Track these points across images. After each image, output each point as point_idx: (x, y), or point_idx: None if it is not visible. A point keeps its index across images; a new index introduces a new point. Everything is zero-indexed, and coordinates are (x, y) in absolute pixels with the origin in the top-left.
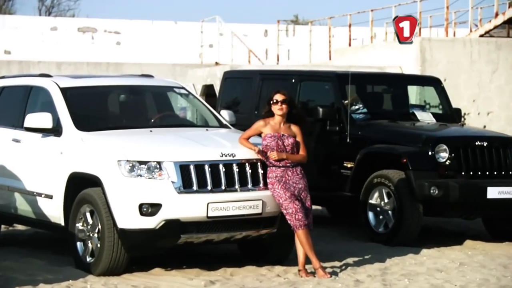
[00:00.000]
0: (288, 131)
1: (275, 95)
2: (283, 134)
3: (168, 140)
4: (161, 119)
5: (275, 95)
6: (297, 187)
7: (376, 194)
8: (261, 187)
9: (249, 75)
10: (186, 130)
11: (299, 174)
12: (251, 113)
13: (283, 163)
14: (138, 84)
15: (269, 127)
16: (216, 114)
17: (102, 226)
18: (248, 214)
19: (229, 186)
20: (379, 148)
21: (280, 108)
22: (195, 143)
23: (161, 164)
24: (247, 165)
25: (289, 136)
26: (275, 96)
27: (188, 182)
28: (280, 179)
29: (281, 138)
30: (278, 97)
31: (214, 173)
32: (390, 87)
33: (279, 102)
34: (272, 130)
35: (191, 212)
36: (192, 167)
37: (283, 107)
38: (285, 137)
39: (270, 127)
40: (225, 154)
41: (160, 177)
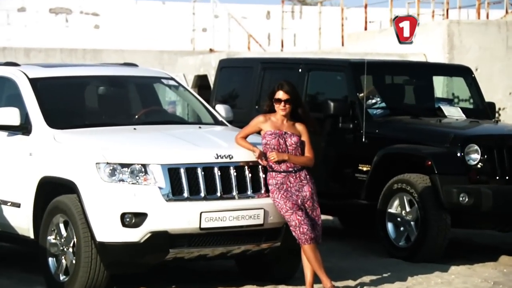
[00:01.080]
0: (292, 128)
1: (277, 92)
2: (286, 132)
3: (155, 139)
4: (146, 115)
5: (278, 92)
6: (300, 196)
7: (396, 202)
8: (263, 193)
9: (249, 64)
10: (176, 127)
11: (303, 180)
12: (251, 108)
13: (284, 168)
14: (119, 75)
15: (270, 123)
16: (211, 109)
17: (78, 239)
18: (247, 225)
19: (225, 192)
20: (400, 149)
21: (283, 109)
22: (186, 142)
23: (147, 167)
24: (247, 168)
25: (293, 134)
26: (277, 94)
27: (178, 188)
28: (280, 186)
29: (282, 136)
30: (281, 96)
31: (208, 177)
32: (412, 78)
33: (282, 101)
34: (273, 127)
35: (181, 222)
36: (183, 170)
37: (287, 107)
38: (287, 135)
39: (271, 124)
40: (221, 155)
41: (146, 182)
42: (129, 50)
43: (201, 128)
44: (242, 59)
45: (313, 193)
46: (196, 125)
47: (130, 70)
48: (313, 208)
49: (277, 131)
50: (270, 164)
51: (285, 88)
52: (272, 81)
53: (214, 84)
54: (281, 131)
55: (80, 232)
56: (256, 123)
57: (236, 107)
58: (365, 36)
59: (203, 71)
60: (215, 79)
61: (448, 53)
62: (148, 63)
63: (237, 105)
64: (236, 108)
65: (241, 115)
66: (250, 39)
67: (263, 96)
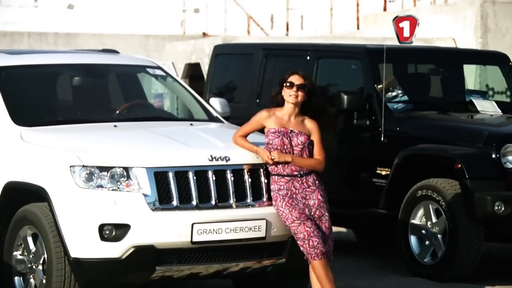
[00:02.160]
0: (300, 126)
1: (291, 75)
2: (292, 130)
3: (139, 139)
4: (129, 110)
5: (292, 76)
6: (307, 204)
7: (421, 212)
8: (265, 201)
9: (249, 50)
10: (163, 124)
11: (311, 185)
12: (251, 102)
13: (288, 171)
14: (97, 63)
15: (274, 119)
16: (204, 103)
17: (49, 255)
18: (247, 238)
19: (221, 200)
20: (425, 150)
21: (295, 95)
22: (176, 142)
23: (129, 171)
24: (246, 172)
25: (300, 133)
26: (291, 77)
27: (166, 195)
28: (284, 193)
29: (288, 134)
30: (295, 79)
31: (201, 183)
32: (440, 67)
33: (294, 86)
34: (277, 124)
35: (170, 235)
36: (171, 175)
37: (299, 94)
38: (294, 134)
39: (275, 120)
40: (216, 157)
41: (128, 189)
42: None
43: (192, 125)
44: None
45: (322, 202)
46: (187, 122)
47: (109, 57)
48: (323, 219)
49: (281, 128)
50: (272, 167)
51: (301, 72)
52: (276, 71)
53: (208, 74)
54: (286, 128)
55: (52, 247)
56: (258, 119)
57: (234, 101)
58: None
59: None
60: (209, 68)
61: (481, 37)
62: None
63: (234, 99)
64: (233, 102)
65: (240, 110)
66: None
67: (265, 88)
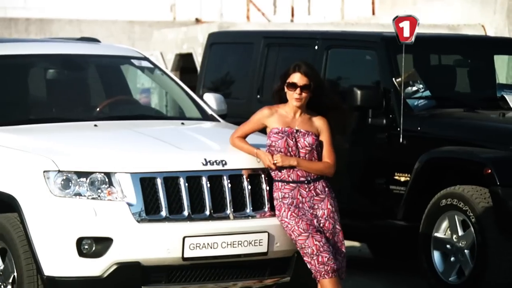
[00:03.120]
0: (307, 125)
1: (293, 74)
2: (298, 130)
3: (123, 140)
4: (111, 107)
5: (293, 75)
6: (315, 214)
7: (445, 224)
8: (267, 212)
9: (248, 39)
10: (151, 124)
11: (320, 193)
12: (251, 97)
13: (294, 177)
14: (75, 53)
15: (277, 118)
16: (197, 99)
17: (19, 273)
18: (246, 254)
19: (217, 210)
20: (450, 152)
21: (298, 98)
22: (165, 144)
23: (112, 177)
24: (245, 178)
25: (308, 133)
26: (292, 77)
27: (154, 204)
28: (289, 201)
29: (293, 135)
30: (298, 80)
31: (194, 190)
32: (467, 58)
33: (297, 87)
34: (281, 123)
35: (158, 251)
36: (160, 181)
37: (303, 96)
38: (300, 134)
39: (279, 118)
40: (211, 161)
41: (110, 197)
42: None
43: (184, 124)
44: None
45: (333, 212)
46: (178, 121)
47: (89, 47)
48: (334, 231)
49: (286, 128)
50: (275, 172)
51: (303, 69)
52: (279, 62)
53: (202, 66)
54: (291, 128)
55: (23, 264)
56: (259, 117)
57: (231, 96)
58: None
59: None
60: (202, 60)
61: None
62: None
63: (232, 94)
64: (231, 98)
65: (238, 108)
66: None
67: (267, 81)
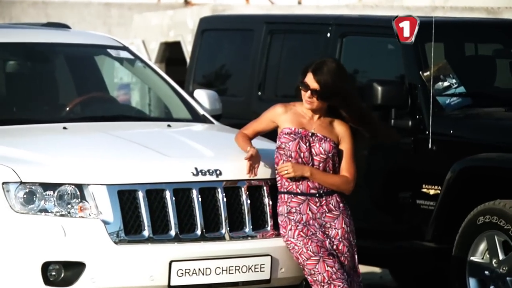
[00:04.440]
0: (326, 129)
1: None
2: (314, 133)
3: (97, 146)
4: (83, 106)
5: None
6: (328, 234)
7: (483, 246)
8: (270, 231)
9: (247, 24)
10: (130, 126)
11: (333, 209)
12: (251, 95)
13: (303, 188)
14: (40, 42)
15: (291, 117)
16: (186, 97)
17: None
18: (245, 281)
19: (210, 229)
20: (488, 160)
21: (309, 101)
22: (148, 150)
23: (84, 190)
24: (244, 189)
25: (325, 138)
26: (308, 75)
27: (135, 222)
28: (297, 218)
29: (307, 138)
30: (309, 82)
31: (182, 205)
32: (509, 47)
33: (308, 90)
34: (295, 123)
35: (139, 278)
36: (142, 194)
37: (314, 101)
38: (316, 139)
39: (293, 118)
40: (203, 170)
41: (82, 214)
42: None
43: (171, 127)
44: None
45: (348, 232)
46: (163, 123)
47: (57, 34)
48: (349, 254)
49: (300, 129)
50: (281, 182)
51: (318, 73)
52: (285, 53)
53: (192, 57)
54: (306, 130)
55: None
56: (271, 115)
57: (227, 93)
58: None
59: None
60: (193, 50)
61: None
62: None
63: (228, 91)
64: (226, 96)
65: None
66: None
67: (270, 76)
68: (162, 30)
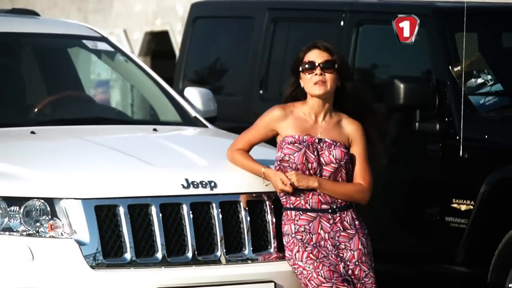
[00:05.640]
0: (334, 132)
1: (308, 52)
2: (321, 139)
3: (70, 153)
4: (55, 107)
5: (310, 53)
6: (342, 256)
7: None
8: (273, 253)
9: (247, 11)
10: (110, 130)
11: (349, 227)
12: (251, 93)
13: (313, 203)
14: (4, 31)
15: (292, 121)
16: (176, 96)
17: None
18: None
19: (203, 251)
20: None
21: (321, 80)
22: (130, 158)
23: (55, 205)
24: (242, 205)
25: (335, 143)
26: (308, 55)
27: (115, 243)
28: (306, 238)
29: (314, 146)
30: (315, 56)
31: (171, 223)
32: None
33: (316, 66)
34: (298, 129)
35: None
36: (123, 210)
37: (327, 77)
38: (324, 146)
39: (294, 122)
40: (195, 182)
41: (53, 233)
42: None
43: (157, 131)
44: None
45: (365, 254)
46: (149, 126)
47: (24, 23)
48: (366, 281)
49: (304, 136)
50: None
51: (321, 44)
52: (291, 44)
53: (183, 50)
54: (311, 136)
55: None
56: (269, 121)
57: (223, 92)
58: None
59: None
60: (183, 41)
61: None
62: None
63: (224, 89)
64: (222, 95)
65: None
66: None
67: (273, 71)
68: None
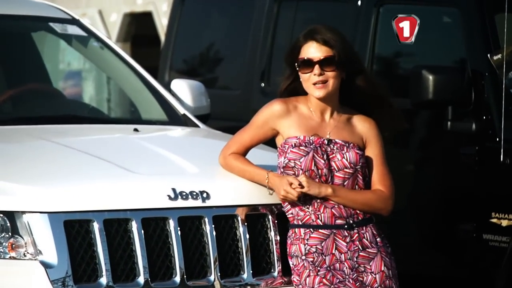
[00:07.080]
0: (346, 131)
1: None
2: (331, 140)
3: (35, 158)
4: (16, 102)
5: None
6: (362, 280)
7: None
8: (277, 277)
9: None
10: (82, 130)
11: (369, 245)
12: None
13: (325, 217)
14: None
15: (296, 119)
16: (161, 90)
17: None
18: None
19: (193, 275)
20: None
21: (320, 81)
22: (106, 164)
23: (17, 220)
24: (240, 220)
25: (347, 144)
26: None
27: (88, 265)
28: (318, 260)
29: (323, 148)
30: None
31: (155, 241)
32: None
33: (315, 64)
34: (303, 128)
35: None
36: (98, 226)
37: (329, 75)
38: (335, 148)
39: (299, 120)
40: (184, 192)
41: (14, 253)
42: None
43: (139, 131)
44: None
45: (389, 277)
46: (129, 126)
47: None
48: None
49: (311, 137)
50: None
51: (320, 35)
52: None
53: (169, 35)
54: (319, 137)
55: None
56: (267, 118)
57: (218, 85)
58: None
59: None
60: (169, 24)
61: None
62: None
63: (219, 82)
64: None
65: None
66: None
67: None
68: None
